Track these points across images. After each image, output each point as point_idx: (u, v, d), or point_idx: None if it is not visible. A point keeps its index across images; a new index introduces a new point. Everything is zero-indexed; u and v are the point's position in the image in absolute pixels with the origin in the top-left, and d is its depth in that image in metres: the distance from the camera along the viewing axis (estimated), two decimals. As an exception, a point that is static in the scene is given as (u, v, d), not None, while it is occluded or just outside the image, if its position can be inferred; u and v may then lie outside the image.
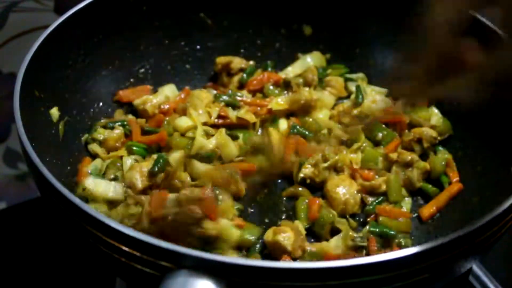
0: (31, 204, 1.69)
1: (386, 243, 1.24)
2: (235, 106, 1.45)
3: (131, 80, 1.54)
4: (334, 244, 1.22)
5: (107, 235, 0.96)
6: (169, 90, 1.52)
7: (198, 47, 1.61)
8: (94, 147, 1.38)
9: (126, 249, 0.94)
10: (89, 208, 0.97)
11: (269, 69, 1.60)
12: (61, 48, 1.35)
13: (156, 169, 1.29)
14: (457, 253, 0.99)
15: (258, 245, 1.24)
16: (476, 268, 1.41)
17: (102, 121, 1.43)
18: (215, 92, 1.49)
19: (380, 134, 1.43)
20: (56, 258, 1.52)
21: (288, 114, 1.49)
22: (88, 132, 1.41)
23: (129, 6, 1.48)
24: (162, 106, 1.47)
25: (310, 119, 1.46)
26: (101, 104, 1.48)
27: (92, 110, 1.45)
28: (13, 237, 1.60)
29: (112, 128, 1.41)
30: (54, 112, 1.33)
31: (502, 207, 1.01)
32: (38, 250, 1.55)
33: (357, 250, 1.21)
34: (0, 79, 1.76)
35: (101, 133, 1.39)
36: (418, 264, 0.95)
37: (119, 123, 1.42)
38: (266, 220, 1.32)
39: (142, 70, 1.56)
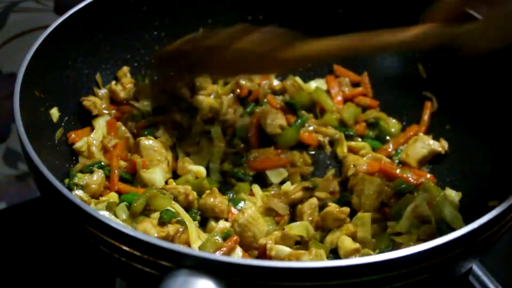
0: (31, 204, 1.69)
1: None
2: None
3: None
4: None
5: (107, 235, 0.96)
6: (103, 122, 1.42)
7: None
8: (77, 194, 1.26)
9: (126, 248, 0.94)
10: (89, 208, 0.97)
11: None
12: (61, 48, 1.34)
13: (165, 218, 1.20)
14: (457, 253, 0.99)
15: None
16: (476, 268, 1.41)
17: (77, 165, 1.33)
18: None
19: None
20: (56, 258, 1.52)
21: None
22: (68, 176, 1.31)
23: (129, 6, 1.48)
24: (108, 143, 1.37)
25: None
26: (101, 104, 1.48)
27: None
28: (13, 237, 1.60)
29: (91, 172, 1.30)
30: (54, 112, 1.33)
31: (502, 207, 1.01)
32: (38, 250, 1.55)
33: None
34: (0, 79, 1.76)
35: (81, 178, 1.28)
36: (418, 264, 0.95)
37: (97, 166, 1.32)
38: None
39: (143, 71, 1.56)
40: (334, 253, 1.26)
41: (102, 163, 1.33)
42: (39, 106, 1.29)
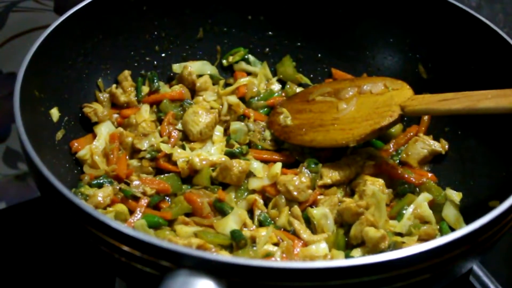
0: (31, 204, 1.69)
1: None
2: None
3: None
4: None
5: (107, 234, 0.96)
6: (105, 129, 1.42)
7: (198, 46, 1.61)
8: None
9: (126, 248, 0.94)
10: (89, 208, 0.97)
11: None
12: (61, 48, 1.35)
13: None
14: (457, 254, 0.99)
15: None
16: (476, 269, 1.41)
17: (85, 177, 1.32)
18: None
19: None
20: (56, 258, 1.52)
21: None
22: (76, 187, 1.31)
23: (129, 6, 1.48)
24: (110, 155, 1.37)
25: None
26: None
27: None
28: (13, 237, 1.60)
29: (100, 186, 1.30)
30: (54, 112, 1.34)
31: (502, 207, 1.01)
32: (38, 250, 1.55)
33: None
34: (0, 79, 1.76)
35: (88, 189, 1.29)
36: (418, 264, 0.95)
37: (107, 181, 1.32)
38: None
39: (143, 71, 1.56)
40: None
41: (111, 180, 1.32)
42: (39, 106, 1.29)
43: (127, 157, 1.39)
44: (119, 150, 1.39)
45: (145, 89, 1.52)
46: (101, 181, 1.32)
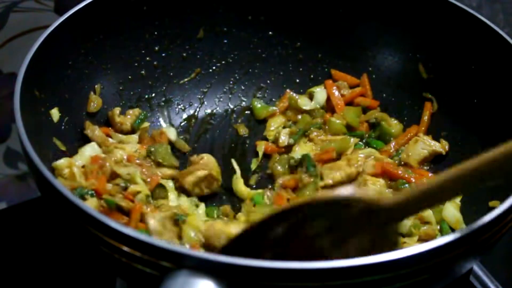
0: (31, 204, 1.69)
1: None
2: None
3: (132, 79, 1.54)
4: None
5: (108, 235, 0.96)
6: (89, 151, 1.35)
7: (198, 46, 1.61)
8: None
9: (127, 249, 0.94)
10: (90, 208, 0.97)
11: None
12: (61, 48, 1.35)
13: None
14: (458, 254, 0.99)
15: None
16: (476, 269, 1.41)
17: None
18: None
19: None
20: (56, 258, 1.52)
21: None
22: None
23: (129, 6, 1.48)
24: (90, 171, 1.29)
25: None
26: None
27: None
28: (13, 237, 1.60)
29: (82, 197, 1.21)
30: (55, 112, 1.34)
31: (502, 207, 1.01)
32: (38, 250, 1.55)
33: None
34: (0, 79, 1.76)
35: None
36: (418, 264, 0.95)
37: (89, 193, 1.23)
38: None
39: (143, 71, 1.56)
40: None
41: (93, 192, 1.24)
42: (40, 106, 1.29)
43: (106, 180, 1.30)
44: (98, 173, 1.30)
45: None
46: (83, 192, 1.22)
